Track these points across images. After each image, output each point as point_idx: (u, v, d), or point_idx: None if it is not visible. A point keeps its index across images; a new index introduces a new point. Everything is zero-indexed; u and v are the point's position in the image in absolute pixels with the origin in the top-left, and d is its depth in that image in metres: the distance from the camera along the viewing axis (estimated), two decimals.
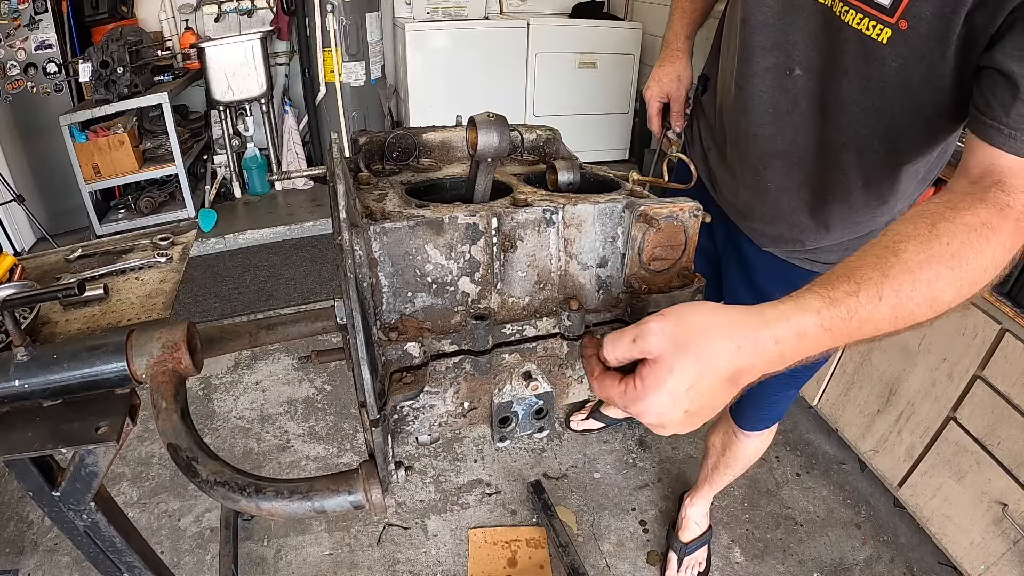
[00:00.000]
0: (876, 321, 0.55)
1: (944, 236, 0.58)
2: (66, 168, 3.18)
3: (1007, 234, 0.60)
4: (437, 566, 1.75)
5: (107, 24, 3.35)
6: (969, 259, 0.58)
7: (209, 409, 2.27)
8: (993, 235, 0.59)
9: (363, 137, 0.85)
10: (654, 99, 1.27)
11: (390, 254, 0.62)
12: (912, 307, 0.56)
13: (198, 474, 0.58)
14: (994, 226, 0.60)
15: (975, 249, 0.58)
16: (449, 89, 3.72)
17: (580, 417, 2.24)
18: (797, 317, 0.52)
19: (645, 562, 1.78)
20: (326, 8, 3.44)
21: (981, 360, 1.53)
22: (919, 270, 0.56)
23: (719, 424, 1.56)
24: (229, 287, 3.04)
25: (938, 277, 0.57)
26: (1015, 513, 1.47)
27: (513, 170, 0.87)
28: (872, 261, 0.57)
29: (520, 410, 0.71)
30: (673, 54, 1.26)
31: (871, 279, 0.55)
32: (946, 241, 0.58)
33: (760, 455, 1.55)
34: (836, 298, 0.54)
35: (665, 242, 0.69)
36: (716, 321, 0.52)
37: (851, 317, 0.54)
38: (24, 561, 1.72)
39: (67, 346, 0.69)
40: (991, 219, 0.60)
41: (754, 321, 0.52)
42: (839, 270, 0.57)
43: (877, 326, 0.56)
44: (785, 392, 1.32)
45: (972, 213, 0.61)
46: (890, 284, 0.55)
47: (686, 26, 1.26)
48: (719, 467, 1.60)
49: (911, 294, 0.56)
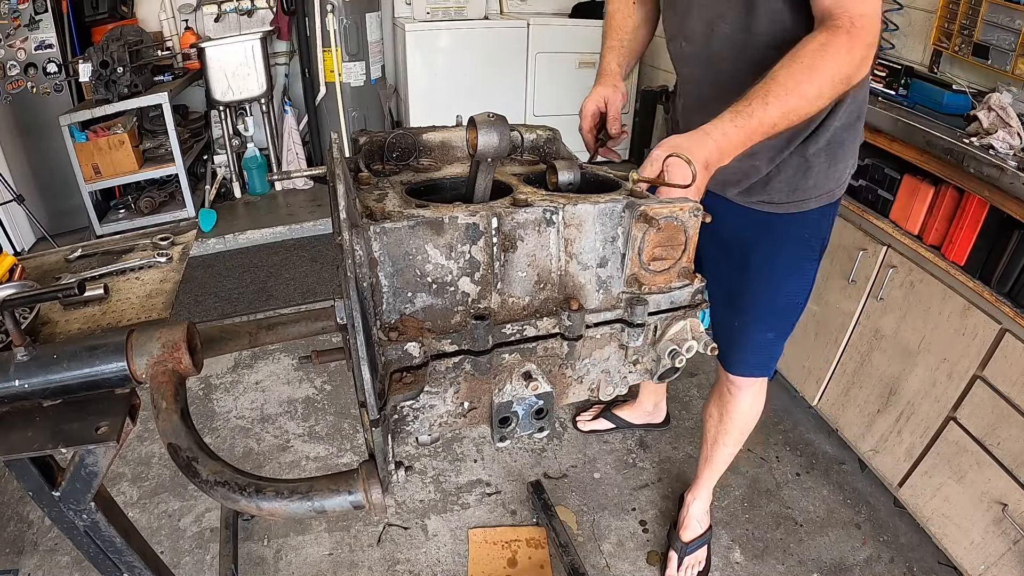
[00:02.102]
0: (770, 118, 0.88)
1: (798, 58, 0.91)
2: (66, 168, 3.18)
3: (842, 44, 0.90)
4: (437, 566, 1.75)
5: (107, 24, 3.35)
6: (819, 67, 0.90)
7: (209, 409, 2.27)
8: (828, 47, 0.91)
9: (363, 137, 0.85)
10: (588, 112, 1.28)
11: (390, 254, 0.62)
12: (790, 105, 0.89)
13: (198, 474, 0.58)
14: (829, 41, 0.91)
15: (821, 60, 0.90)
16: (449, 89, 3.72)
17: (587, 417, 2.22)
18: (718, 123, 0.88)
19: (645, 562, 1.78)
20: (326, 8, 3.44)
21: (981, 360, 1.53)
22: (786, 81, 0.90)
23: (713, 392, 1.62)
24: (229, 287, 3.04)
25: (800, 82, 0.89)
26: (1015, 513, 1.47)
27: (513, 170, 0.87)
28: (756, 88, 0.91)
29: (520, 410, 0.71)
30: (607, 77, 1.32)
31: (757, 94, 0.90)
32: (799, 60, 0.91)
33: (753, 420, 1.59)
34: (738, 110, 0.89)
35: (665, 242, 0.69)
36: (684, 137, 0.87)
37: (751, 116, 0.88)
38: (24, 561, 1.72)
39: (67, 346, 0.69)
40: (826, 38, 0.91)
41: (699, 133, 0.88)
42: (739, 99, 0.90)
43: (773, 121, 0.89)
44: (762, 335, 1.41)
45: (812, 39, 0.93)
46: (772, 94, 0.89)
47: (620, 59, 1.34)
48: (718, 441, 1.62)
49: (786, 97, 0.89)
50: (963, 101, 1.77)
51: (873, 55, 0.96)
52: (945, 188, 1.60)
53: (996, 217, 1.48)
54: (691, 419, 2.27)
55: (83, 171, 3.18)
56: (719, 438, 1.62)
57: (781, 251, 1.33)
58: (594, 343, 0.74)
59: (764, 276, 1.35)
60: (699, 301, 0.75)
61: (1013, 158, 1.46)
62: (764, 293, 1.36)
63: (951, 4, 1.89)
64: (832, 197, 1.29)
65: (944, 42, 1.94)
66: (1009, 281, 1.45)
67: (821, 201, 1.27)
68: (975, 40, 1.81)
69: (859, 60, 0.92)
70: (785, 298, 1.37)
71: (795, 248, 1.33)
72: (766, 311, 1.38)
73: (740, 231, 1.33)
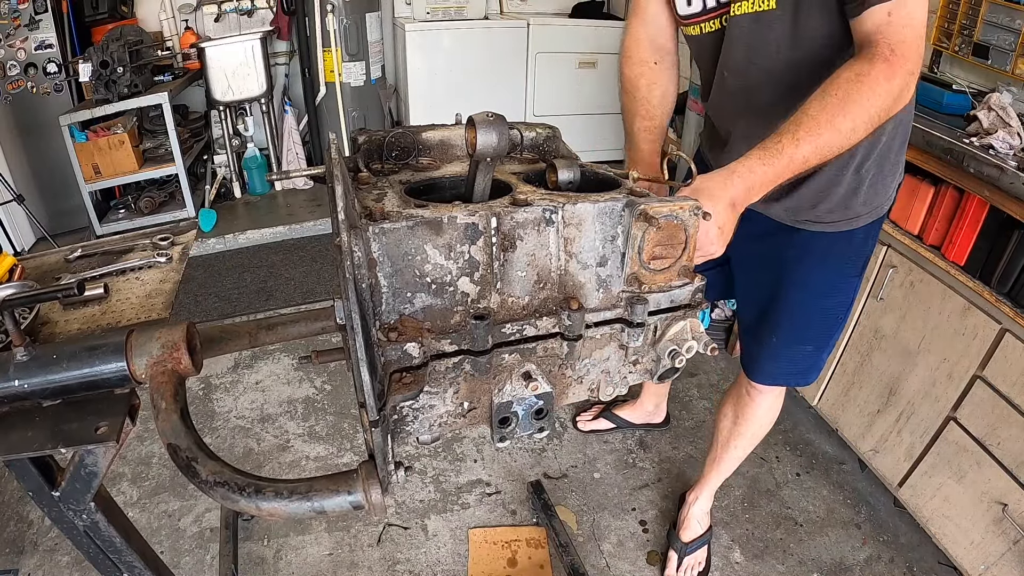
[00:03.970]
0: (801, 155, 0.84)
1: (831, 90, 0.86)
2: (66, 168, 3.17)
3: (879, 73, 0.85)
4: (437, 566, 1.75)
5: (107, 24, 3.35)
6: (854, 99, 0.84)
7: (209, 409, 2.27)
8: (865, 78, 0.85)
9: (362, 136, 0.85)
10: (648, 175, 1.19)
11: (389, 254, 0.62)
12: (822, 141, 0.84)
13: (198, 474, 0.58)
14: (866, 71, 0.85)
15: (856, 91, 0.84)
16: (449, 89, 3.72)
17: (588, 417, 2.21)
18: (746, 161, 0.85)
19: (645, 562, 1.78)
20: (326, 8, 3.44)
21: (981, 360, 1.52)
22: (818, 115, 0.84)
23: (730, 393, 1.60)
24: (229, 287, 3.04)
25: (834, 116, 0.84)
26: (1015, 513, 1.47)
27: (513, 169, 0.87)
28: (787, 123, 0.86)
29: (520, 410, 0.70)
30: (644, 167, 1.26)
31: (788, 131, 0.85)
32: (833, 92, 0.85)
33: (768, 427, 1.57)
34: (767, 147, 0.85)
35: (665, 241, 0.69)
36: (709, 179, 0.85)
37: (780, 154, 0.84)
38: (24, 561, 1.72)
39: (67, 346, 0.69)
40: (862, 68, 0.86)
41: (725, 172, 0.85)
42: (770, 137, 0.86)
43: (804, 158, 0.84)
44: (799, 347, 1.37)
45: (848, 69, 0.87)
46: (804, 128, 0.84)
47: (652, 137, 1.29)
48: (730, 443, 1.61)
49: (818, 132, 0.84)
50: (963, 101, 1.77)
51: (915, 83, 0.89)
52: (945, 188, 1.60)
53: (996, 217, 1.48)
54: (691, 419, 2.27)
55: (83, 171, 3.18)
56: (732, 440, 1.60)
57: (825, 270, 1.27)
58: (594, 343, 0.73)
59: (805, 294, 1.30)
60: (699, 300, 0.75)
61: (1013, 158, 1.46)
62: (802, 311, 1.32)
63: (951, 4, 1.89)
64: (880, 212, 1.23)
65: (944, 42, 1.94)
66: (1009, 281, 1.45)
67: (870, 218, 1.22)
68: (975, 40, 1.81)
69: (898, 91, 0.86)
70: (824, 314, 1.33)
71: (839, 266, 1.27)
72: (802, 326, 1.33)
73: (782, 249, 1.28)
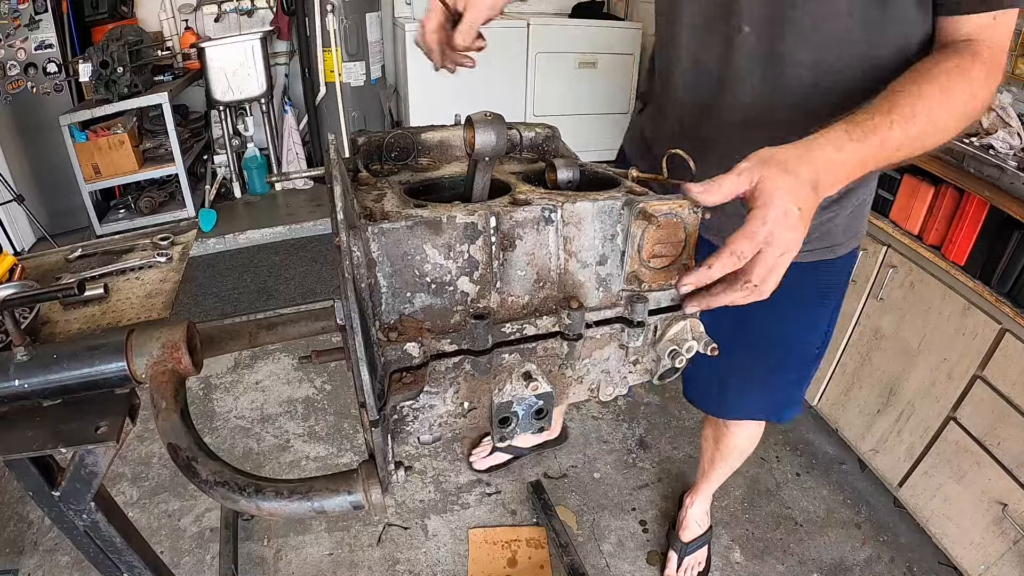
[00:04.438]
0: (893, 140, 0.69)
1: (930, 77, 0.73)
2: (66, 168, 3.18)
3: (979, 72, 0.75)
4: (437, 566, 1.75)
5: (107, 24, 3.35)
6: (955, 91, 0.73)
7: (209, 409, 2.27)
8: (968, 72, 0.74)
9: (362, 137, 0.85)
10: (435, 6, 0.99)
11: (388, 254, 0.62)
12: (917, 130, 0.70)
13: (198, 474, 0.58)
14: (966, 67, 0.75)
15: (957, 83, 0.73)
16: (449, 89, 3.70)
17: (483, 454, 2.02)
18: (828, 134, 0.67)
19: (645, 562, 1.78)
20: (326, 8, 3.44)
21: (981, 360, 1.52)
22: (918, 102, 0.71)
23: (707, 419, 1.55)
24: (229, 287, 3.04)
25: (933, 106, 0.71)
26: (1015, 513, 1.47)
27: (512, 168, 0.87)
28: (879, 102, 0.72)
29: (520, 410, 0.70)
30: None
31: (881, 110, 0.70)
32: (932, 80, 0.73)
33: (752, 447, 1.53)
34: (857, 121, 0.69)
35: (665, 239, 0.69)
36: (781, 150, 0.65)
37: (873, 132, 0.68)
38: (24, 561, 1.72)
39: (67, 346, 0.69)
40: (962, 62, 0.75)
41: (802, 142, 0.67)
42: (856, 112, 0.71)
43: (898, 145, 0.69)
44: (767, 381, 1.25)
45: (947, 59, 0.76)
46: (898, 112, 0.70)
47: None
48: (714, 461, 1.60)
49: (914, 119, 0.70)
50: None
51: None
52: (945, 188, 1.60)
53: (996, 217, 1.48)
54: (691, 419, 2.27)
55: (83, 171, 3.18)
56: (716, 460, 1.60)
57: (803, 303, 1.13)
58: (594, 343, 0.73)
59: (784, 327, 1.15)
60: None
61: (1013, 158, 1.46)
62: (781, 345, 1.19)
63: None
64: (858, 240, 1.13)
65: None
66: (1009, 281, 1.45)
67: (848, 247, 1.12)
68: None
69: (990, 96, 0.77)
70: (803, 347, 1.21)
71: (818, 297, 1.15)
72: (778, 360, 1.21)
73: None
